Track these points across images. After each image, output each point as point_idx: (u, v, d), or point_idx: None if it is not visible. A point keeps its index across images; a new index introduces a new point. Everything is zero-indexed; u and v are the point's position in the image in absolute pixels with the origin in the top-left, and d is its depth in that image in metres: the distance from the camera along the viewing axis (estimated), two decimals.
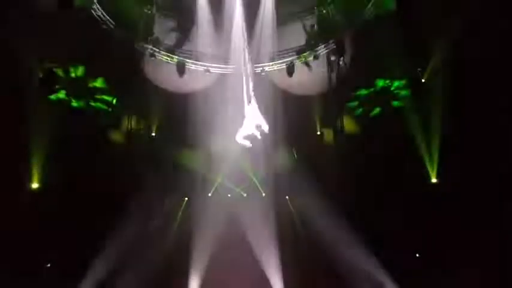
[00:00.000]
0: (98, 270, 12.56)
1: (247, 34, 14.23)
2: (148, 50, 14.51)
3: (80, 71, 14.11)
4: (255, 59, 14.72)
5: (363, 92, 15.07)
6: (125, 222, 12.71)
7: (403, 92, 14.53)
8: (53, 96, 13.43)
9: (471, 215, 12.34)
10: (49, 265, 12.94)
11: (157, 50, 14.61)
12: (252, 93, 11.36)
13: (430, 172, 13.53)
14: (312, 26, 15.17)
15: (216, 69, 14.94)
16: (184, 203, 14.63)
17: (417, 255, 13.54)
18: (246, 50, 14.00)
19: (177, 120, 14.48)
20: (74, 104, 14.22)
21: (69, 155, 13.10)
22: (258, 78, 14.89)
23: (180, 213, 14.48)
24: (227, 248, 13.48)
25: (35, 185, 12.89)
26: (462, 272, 12.16)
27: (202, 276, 13.39)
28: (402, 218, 13.02)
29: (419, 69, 13.49)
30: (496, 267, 12.01)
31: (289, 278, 13.42)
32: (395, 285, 12.12)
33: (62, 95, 13.92)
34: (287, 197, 14.62)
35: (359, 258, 12.66)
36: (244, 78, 11.96)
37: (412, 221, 12.98)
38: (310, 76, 15.09)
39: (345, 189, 13.67)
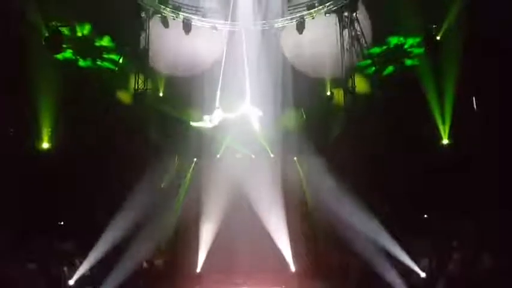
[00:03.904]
0: (112, 228, 12.47)
1: None
2: (154, 6, 14.11)
3: (86, 29, 13.92)
4: (264, 15, 14.27)
5: (376, 50, 14.57)
6: (134, 183, 12.80)
7: (417, 50, 14.01)
8: (59, 56, 13.30)
9: (482, 176, 12.12)
10: (62, 223, 13.37)
11: (163, 6, 14.15)
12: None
13: (443, 133, 13.23)
14: None
15: (223, 26, 14.44)
16: (193, 163, 14.70)
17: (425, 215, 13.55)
18: (254, 6, 13.56)
19: (184, 80, 14.29)
20: (81, 63, 14.14)
21: (78, 115, 13.20)
22: (266, 35, 14.55)
23: (189, 173, 14.57)
24: (235, 208, 13.60)
25: (45, 145, 13.02)
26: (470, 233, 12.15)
27: (211, 235, 13.61)
28: (413, 178, 12.85)
29: (434, 25, 12.87)
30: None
31: (296, 238, 13.55)
32: (399, 244, 12.09)
33: (68, 54, 13.81)
34: (295, 158, 14.54)
35: (366, 219, 12.59)
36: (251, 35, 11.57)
37: (422, 182, 12.79)
38: (321, 33, 14.50)
39: (354, 150, 13.45)
